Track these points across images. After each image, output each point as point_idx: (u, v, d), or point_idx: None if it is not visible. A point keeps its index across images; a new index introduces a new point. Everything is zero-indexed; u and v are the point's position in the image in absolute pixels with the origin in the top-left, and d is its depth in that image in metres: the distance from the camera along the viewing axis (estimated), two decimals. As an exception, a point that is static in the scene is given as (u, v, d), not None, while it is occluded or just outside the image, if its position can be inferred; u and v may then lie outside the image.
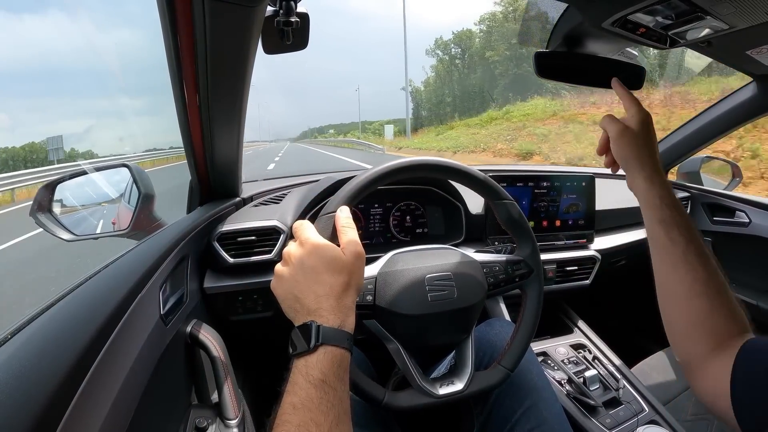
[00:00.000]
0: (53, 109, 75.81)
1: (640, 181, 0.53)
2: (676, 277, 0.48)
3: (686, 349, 0.48)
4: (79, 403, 0.33)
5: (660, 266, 0.51)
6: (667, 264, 0.50)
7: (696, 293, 0.47)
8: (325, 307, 0.42)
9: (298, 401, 0.37)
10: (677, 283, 0.48)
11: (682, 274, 0.48)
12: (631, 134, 0.55)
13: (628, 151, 0.54)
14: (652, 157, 0.54)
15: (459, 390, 0.56)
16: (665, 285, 0.50)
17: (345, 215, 0.50)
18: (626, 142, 0.55)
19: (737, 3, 0.49)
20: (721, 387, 0.42)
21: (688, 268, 0.47)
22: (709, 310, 0.46)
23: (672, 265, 0.49)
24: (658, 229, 0.51)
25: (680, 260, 0.48)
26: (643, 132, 0.55)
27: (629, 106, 0.57)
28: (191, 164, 0.80)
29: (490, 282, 0.61)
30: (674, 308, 0.49)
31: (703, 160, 1.46)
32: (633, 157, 0.54)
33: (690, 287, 0.47)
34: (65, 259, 3.61)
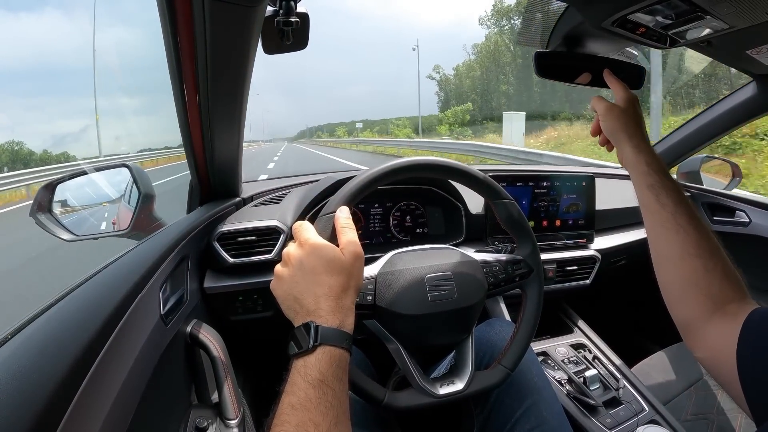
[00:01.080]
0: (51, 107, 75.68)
1: (628, 150, 0.56)
2: (667, 239, 0.50)
3: (683, 312, 0.49)
4: (79, 403, 0.33)
5: (652, 230, 0.53)
6: (658, 227, 0.52)
7: (688, 254, 0.48)
8: (324, 307, 0.42)
9: (296, 401, 0.38)
10: (669, 245, 0.50)
11: (673, 236, 0.49)
12: (617, 110, 0.59)
13: (616, 125, 0.58)
14: (638, 128, 0.58)
15: (459, 390, 0.56)
16: (658, 248, 0.52)
17: (344, 216, 0.50)
18: (614, 116, 0.59)
19: (737, 3, 0.49)
20: (724, 354, 0.42)
21: (678, 229, 0.49)
22: (704, 271, 0.47)
23: (663, 227, 0.51)
24: (647, 194, 0.53)
25: (671, 222, 0.50)
26: (629, 108, 0.59)
27: (616, 90, 0.62)
28: (191, 164, 0.80)
29: (490, 282, 0.61)
30: (668, 270, 0.50)
31: (703, 160, 1.45)
32: (620, 129, 0.58)
33: (682, 248, 0.48)
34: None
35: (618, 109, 0.59)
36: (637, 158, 0.55)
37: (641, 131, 0.58)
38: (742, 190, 1.42)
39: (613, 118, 0.59)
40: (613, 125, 0.59)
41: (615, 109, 0.59)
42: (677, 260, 0.49)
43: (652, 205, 0.53)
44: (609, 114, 0.59)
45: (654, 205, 0.52)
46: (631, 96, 0.60)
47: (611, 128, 0.59)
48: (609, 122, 0.60)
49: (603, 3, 0.53)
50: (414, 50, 24.93)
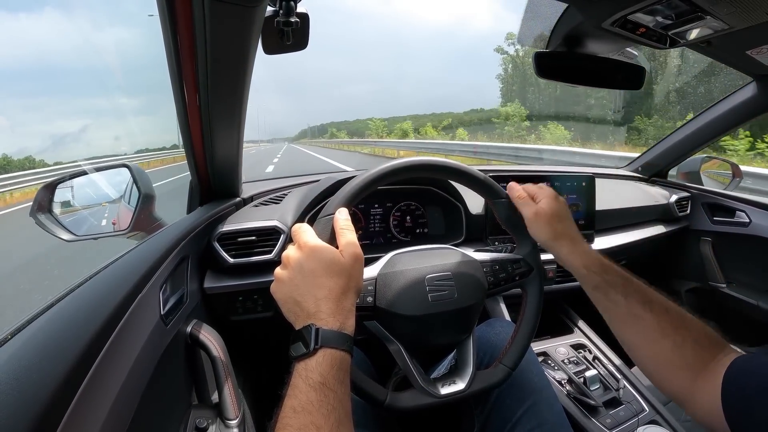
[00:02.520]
0: (51, 107, 75.82)
1: (563, 257, 0.57)
2: (629, 331, 0.50)
3: (668, 388, 0.49)
4: (79, 403, 0.33)
5: (612, 325, 0.53)
6: (616, 321, 0.52)
7: (653, 338, 0.48)
8: (325, 309, 0.42)
9: (298, 404, 0.38)
10: (633, 335, 0.50)
11: (632, 326, 0.50)
12: (543, 217, 0.58)
13: (545, 233, 0.58)
14: (567, 231, 0.57)
15: (461, 389, 0.56)
16: (623, 339, 0.52)
17: (343, 217, 0.50)
18: (541, 224, 0.58)
19: (737, 3, 0.49)
20: (714, 410, 0.42)
21: (636, 319, 0.49)
22: (673, 347, 0.47)
23: (621, 321, 0.51)
24: (596, 295, 0.54)
25: (626, 315, 0.50)
26: (554, 211, 0.58)
27: (536, 195, 0.61)
28: (191, 164, 0.80)
29: (490, 281, 0.61)
30: (640, 356, 0.50)
31: (703, 160, 1.46)
32: (550, 237, 0.57)
33: (645, 334, 0.49)
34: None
35: (544, 215, 0.58)
36: (573, 264, 0.56)
37: (571, 234, 0.57)
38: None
39: (540, 227, 0.58)
40: (543, 235, 0.58)
41: (541, 215, 0.58)
42: (644, 347, 0.49)
43: (603, 303, 0.53)
44: (536, 222, 0.58)
45: (605, 303, 0.53)
46: (553, 196, 0.60)
47: (541, 239, 0.59)
48: (537, 232, 0.59)
49: (603, 3, 0.53)
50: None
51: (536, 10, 0.66)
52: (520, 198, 0.60)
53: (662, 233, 1.29)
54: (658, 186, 1.43)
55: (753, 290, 1.22)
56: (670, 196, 1.33)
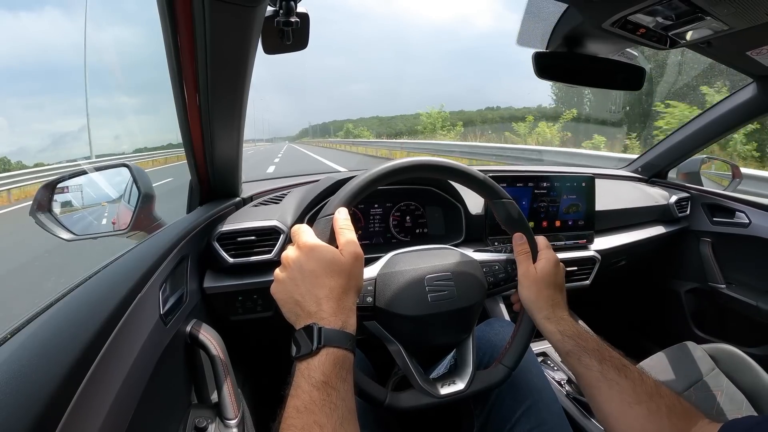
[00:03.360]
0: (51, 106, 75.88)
1: (540, 321, 0.57)
2: (602, 397, 0.49)
3: None
4: (78, 403, 0.33)
5: (585, 390, 0.52)
6: (590, 387, 0.51)
7: (628, 404, 0.47)
8: (326, 309, 0.42)
9: (301, 404, 0.38)
10: (607, 401, 0.49)
11: (606, 391, 0.49)
12: (532, 278, 0.59)
13: (529, 294, 0.58)
14: (552, 297, 0.58)
15: (461, 389, 0.56)
16: (597, 406, 0.51)
17: (343, 217, 0.50)
18: (528, 284, 0.59)
19: (737, 3, 0.49)
20: None
21: (610, 383, 0.49)
22: (647, 415, 0.45)
23: (595, 387, 0.50)
24: (569, 361, 0.53)
25: (600, 381, 0.50)
26: (546, 276, 0.59)
27: (539, 253, 0.61)
28: (191, 164, 0.80)
29: (490, 281, 0.61)
30: (614, 424, 0.49)
31: (703, 161, 1.46)
32: (533, 299, 0.58)
33: (620, 399, 0.48)
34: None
35: (533, 277, 0.59)
36: (548, 329, 0.56)
37: (555, 299, 0.58)
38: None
39: (526, 287, 0.59)
40: (526, 295, 0.59)
41: (530, 276, 0.59)
42: (619, 413, 0.48)
43: (577, 368, 0.53)
44: (524, 281, 0.59)
45: (579, 369, 0.52)
46: (551, 258, 0.61)
47: (524, 298, 0.59)
48: (523, 291, 0.59)
49: (603, 4, 0.53)
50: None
51: (536, 11, 0.66)
52: (519, 252, 0.61)
53: (662, 234, 1.29)
54: (657, 186, 1.43)
55: (753, 291, 1.22)
56: (669, 196, 1.33)
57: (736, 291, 1.26)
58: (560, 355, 0.55)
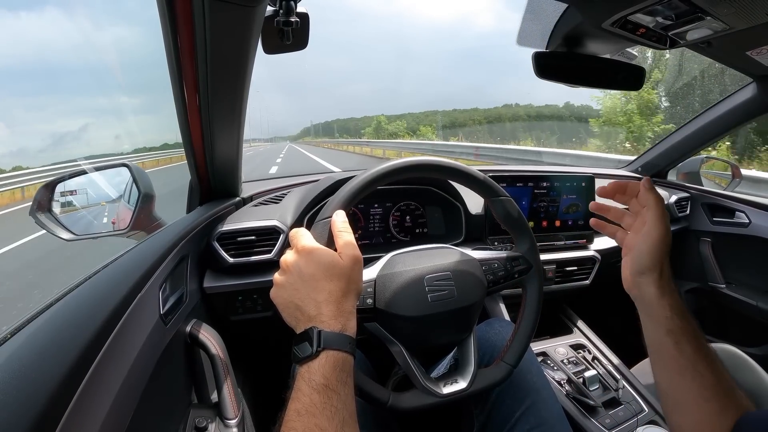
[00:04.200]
0: (52, 107, 75.90)
1: (652, 288, 0.47)
2: (682, 386, 0.45)
3: None
4: (78, 403, 0.33)
5: (664, 374, 0.47)
6: (673, 372, 0.46)
7: (704, 398, 0.44)
8: (326, 312, 0.42)
9: (302, 407, 0.38)
10: (684, 391, 0.45)
11: (689, 382, 0.45)
12: (659, 237, 0.48)
13: (657, 257, 0.48)
14: (667, 264, 0.49)
15: (463, 388, 0.56)
16: (670, 393, 0.47)
17: (341, 220, 0.50)
18: (651, 244, 0.48)
19: (737, 3, 0.49)
20: None
21: (695, 375, 0.44)
22: (718, 412, 0.43)
23: (679, 374, 0.46)
24: (665, 341, 0.46)
25: (688, 369, 0.45)
26: (665, 238, 0.48)
27: (661, 212, 0.49)
28: (191, 164, 0.81)
29: (490, 279, 0.61)
30: (682, 415, 0.46)
31: (703, 161, 1.46)
32: (653, 263, 0.48)
33: (698, 393, 0.44)
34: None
35: (659, 236, 0.48)
36: (660, 301, 0.47)
37: (668, 267, 0.49)
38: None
39: (660, 249, 0.48)
40: (655, 257, 0.48)
41: (657, 233, 0.48)
42: (692, 406, 0.45)
43: (670, 351, 0.46)
44: (661, 242, 0.48)
45: (671, 351, 0.46)
46: (667, 224, 0.49)
47: (651, 258, 0.48)
48: (654, 251, 0.48)
49: (603, 3, 0.53)
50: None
51: (536, 10, 0.66)
52: (653, 198, 0.49)
53: (662, 234, 1.28)
54: (657, 186, 1.43)
55: (753, 290, 1.22)
56: (669, 196, 1.33)
57: (736, 291, 1.26)
58: (653, 331, 0.47)
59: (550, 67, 0.69)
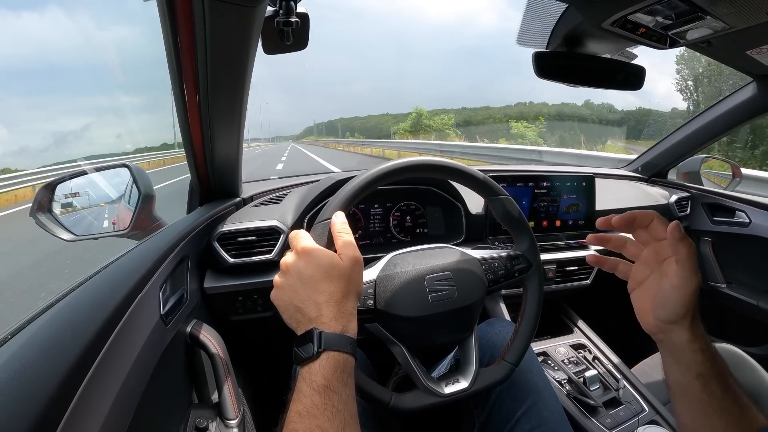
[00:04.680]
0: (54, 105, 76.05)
1: (684, 334, 0.43)
2: (709, 424, 0.42)
3: None
4: (79, 403, 0.33)
5: (688, 414, 0.44)
6: (698, 413, 0.43)
7: (728, 427, 0.42)
8: (326, 314, 0.42)
9: (303, 409, 0.38)
10: (710, 429, 0.42)
11: (716, 420, 0.42)
12: (695, 283, 0.43)
13: (691, 305, 0.43)
14: (697, 308, 0.44)
15: (465, 387, 0.56)
16: (695, 430, 0.44)
17: (340, 221, 0.50)
18: (695, 295, 0.43)
19: (737, 3, 0.49)
20: None
21: (722, 413, 0.42)
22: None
23: (706, 414, 0.42)
24: (694, 384, 0.43)
25: (716, 409, 0.42)
26: (697, 281, 0.43)
27: (694, 264, 0.43)
28: (191, 164, 0.81)
29: (490, 278, 0.61)
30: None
31: (703, 160, 1.46)
32: (690, 310, 0.43)
33: (724, 430, 0.42)
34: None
35: (691, 290, 0.42)
36: (691, 346, 0.43)
37: (698, 312, 0.44)
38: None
39: (683, 298, 0.42)
40: (687, 303, 0.43)
41: (693, 280, 0.42)
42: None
43: (697, 393, 0.43)
44: (680, 291, 0.42)
45: (699, 394, 0.43)
46: (698, 271, 0.43)
47: (677, 309, 0.43)
48: (686, 297, 0.42)
49: (603, 3, 0.53)
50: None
51: (536, 10, 0.66)
52: (685, 245, 0.42)
53: (662, 233, 1.28)
54: (657, 186, 1.43)
55: (753, 290, 1.22)
56: (669, 196, 1.33)
57: (737, 290, 1.26)
58: (681, 374, 0.44)
59: (550, 67, 0.69)
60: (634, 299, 0.49)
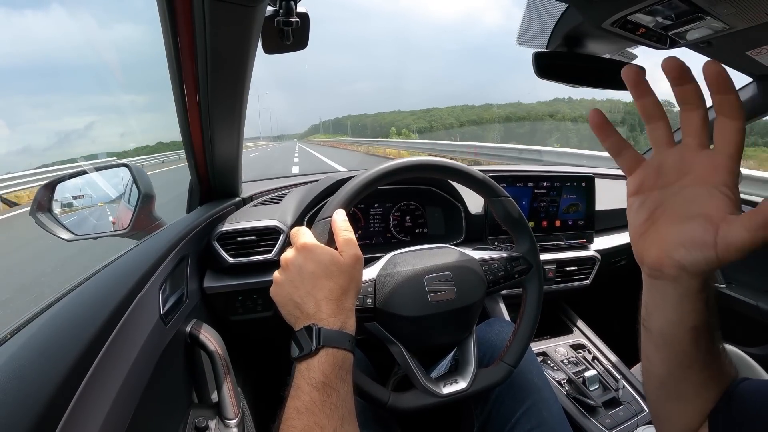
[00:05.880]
0: (58, 105, 76.07)
1: (697, 281, 0.34)
2: (683, 378, 0.39)
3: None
4: (78, 403, 0.33)
5: (663, 366, 0.40)
6: (676, 365, 0.39)
7: (706, 387, 0.39)
8: (325, 310, 0.42)
9: (301, 405, 0.38)
10: (688, 383, 0.39)
11: (693, 375, 0.39)
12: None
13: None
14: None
15: (463, 388, 0.56)
16: (670, 383, 0.41)
17: (341, 219, 0.50)
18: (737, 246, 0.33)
19: (737, 3, 0.49)
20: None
21: (703, 367, 0.38)
22: (716, 397, 0.39)
23: (683, 367, 0.39)
24: (685, 336, 0.37)
25: (697, 363, 0.38)
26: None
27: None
28: (191, 164, 0.81)
29: (490, 279, 0.61)
30: (677, 403, 0.40)
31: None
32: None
33: (702, 384, 0.39)
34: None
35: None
36: (699, 295, 0.35)
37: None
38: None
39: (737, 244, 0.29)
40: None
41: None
42: (691, 395, 0.40)
43: (685, 346, 0.38)
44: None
45: (687, 347, 0.38)
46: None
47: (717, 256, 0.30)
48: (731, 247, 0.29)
49: (603, 3, 0.53)
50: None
51: (537, 10, 0.66)
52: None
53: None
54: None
55: (753, 290, 1.22)
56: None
57: (736, 291, 1.26)
58: (673, 325, 0.38)
59: (550, 67, 0.69)
60: (639, 205, 0.35)
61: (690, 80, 0.32)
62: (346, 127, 55.06)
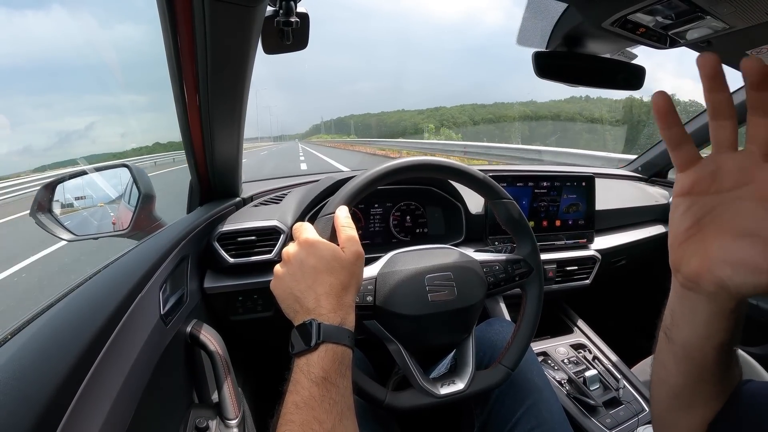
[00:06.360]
0: (59, 104, 76.16)
1: (732, 302, 0.32)
2: (697, 390, 0.38)
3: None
4: (79, 403, 0.33)
5: (679, 377, 0.38)
6: (694, 378, 0.37)
7: (716, 396, 0.38)
8: (325, 305, 0.42)
9: (300, 400, 0.38)
10: (700, 394, 0.38)
11: (708, 387, 0.37)
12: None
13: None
14: None
15: (460, 390, 0.56)
16: (685, 393, 0.39)
17: (344, 215, 0.50)
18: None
19: (737, 3, 0.49)
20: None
21: (719, 380, 0.37)
22: (723, 404, 0.38)
23: (702, 381, 0.37)
24: (710, 353, 0.35)
25: (715, 376, 0.37)
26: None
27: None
28: (191, 164, 0.81)
29: (490, 281, 0.61)
30: (689, 415, 0.39)
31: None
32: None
33: (713, 393, 0.38)
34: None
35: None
36: (732, 315, 0.33)
37: None
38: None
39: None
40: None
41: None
42: (699, 405, 0.39)
43: (707, 362, 0.36)
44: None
45: (710, 365, 0.36)
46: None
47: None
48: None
49: (603, 3, 0.53)
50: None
51: (536, 10, 0.66)
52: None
53: (662, 233, 1.29)
54: (658, 186, 1.43)
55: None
56: (670, 195, 1.33)
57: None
58: (702, 340, 0.35)
59: (550, 67, 0.69)
60: (686, 209, 0.32)
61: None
62: (348, 126, 54.11)
